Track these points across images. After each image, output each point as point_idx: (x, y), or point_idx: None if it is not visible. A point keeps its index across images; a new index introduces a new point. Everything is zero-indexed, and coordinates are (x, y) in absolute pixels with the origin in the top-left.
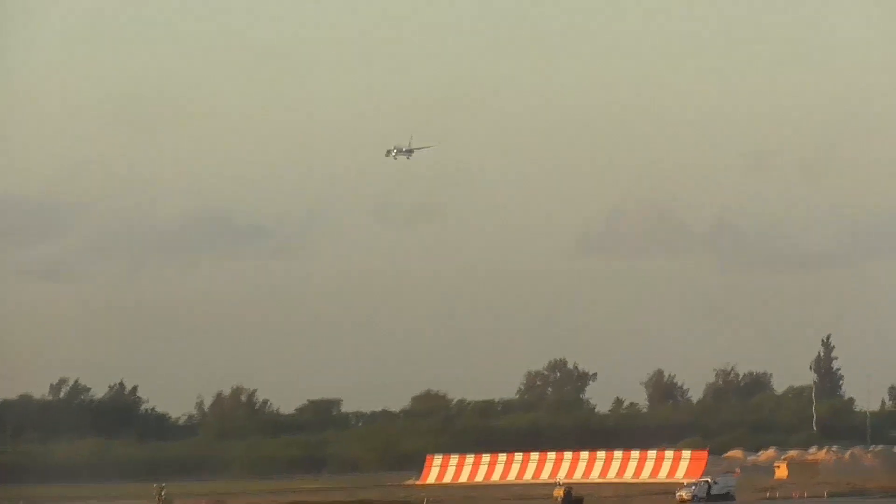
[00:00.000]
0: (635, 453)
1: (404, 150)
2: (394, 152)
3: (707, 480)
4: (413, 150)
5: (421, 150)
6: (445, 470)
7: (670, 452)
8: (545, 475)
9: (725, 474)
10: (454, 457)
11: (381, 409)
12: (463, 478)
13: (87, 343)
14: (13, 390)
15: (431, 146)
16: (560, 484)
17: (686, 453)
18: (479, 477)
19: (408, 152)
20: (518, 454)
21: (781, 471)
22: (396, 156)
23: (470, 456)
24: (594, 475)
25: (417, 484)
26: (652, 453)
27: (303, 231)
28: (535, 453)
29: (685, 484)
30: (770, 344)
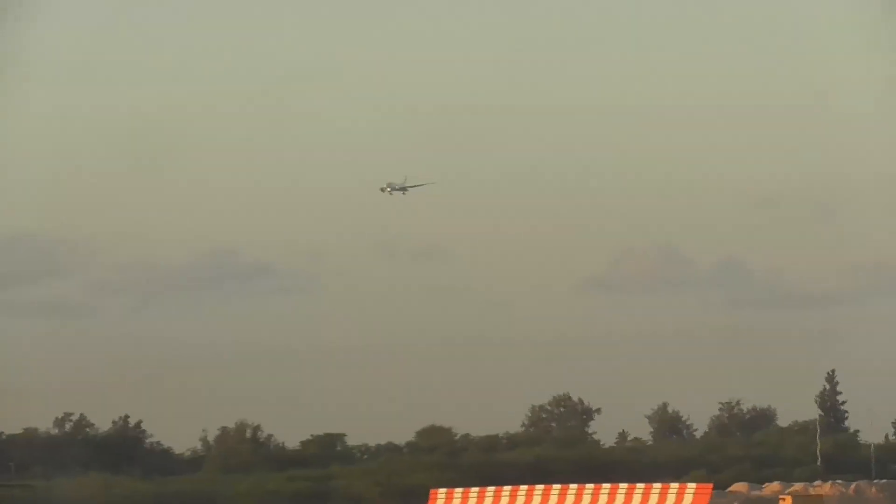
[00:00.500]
0: (640, 487)
1: (399, 187)
2: (388, 189)
3: None
4: (407, 187)
5: (416, 187)
6: None
7: (675, 486)
8: None
9: None
10: (459, 491)
11: (386, 444)
12: None
13: (92, 378)
14: (17, 425)
15: (426, 183)
16: None
17: (690, 487)
18: None
19: (402, 189)
20: (523, 488)
21: None
22: (391, 192)
23: (475, 490)
24: None
25: None
26: (656, 487)
27: (308, 268)
28: (540, 487)
29: None
30: (775, 379)
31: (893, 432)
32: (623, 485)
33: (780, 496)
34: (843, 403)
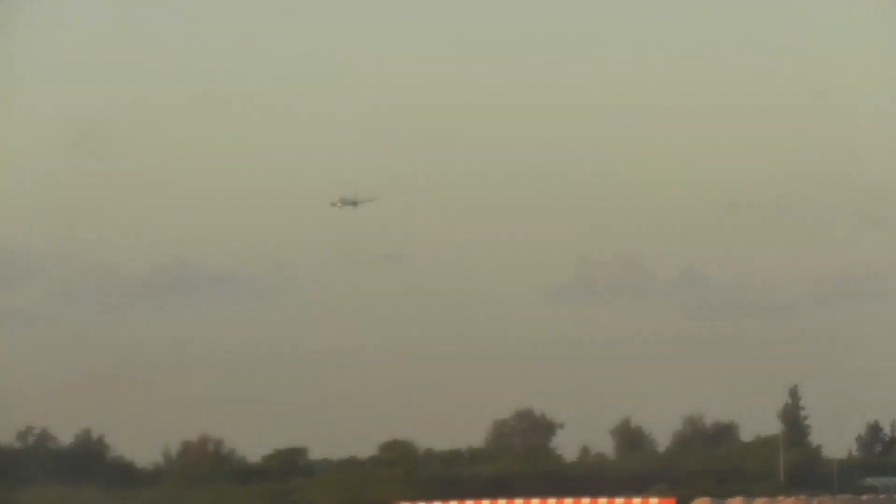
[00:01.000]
0: (602, 501)
1: (349, 202)
2: (339, 204)
3: None
4: (358, 202)
5: (366, 202)
6: None
7: (637, 501)
8: None
9: None
10: None
11: (348, 458)
12: None
13: (54, 391)
14: None
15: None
16: None
17: (653, 501)
18: None
19: (353, 203)
20: (485, 503)
21: None
22: (342, 207)
23: None
24: None
25: None
26: (619, 501)
27: (268, 279)
28: (502, 502)
29: None
30: (737, 393)
31: (856, 448)
32: (586, 499)
33: None
34: (807, 419)
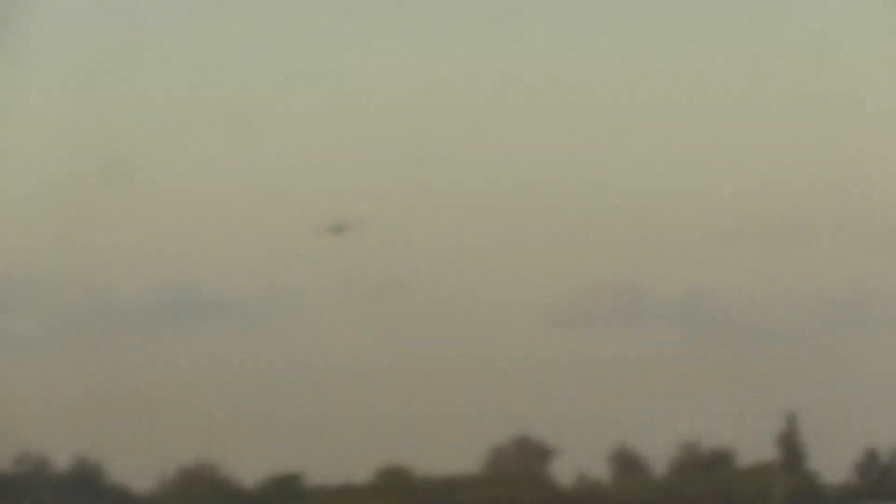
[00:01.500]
0: None
1: (336, 227)
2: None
3: None
4: (344, 228)
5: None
6: None
7: None
8: None
9: None
10: None
11: (344, 484)
12: None
13: (51, 418)
14: None
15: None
16: None
17: None
18: None
19: (339, 230)
20: None
21: None
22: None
23: None
24: None
25: None
26: None
27: (267, 306)
28: None
29: None
30: (735, 419)
31: (854, 474)
32: None
33: None
34: (804, 444)
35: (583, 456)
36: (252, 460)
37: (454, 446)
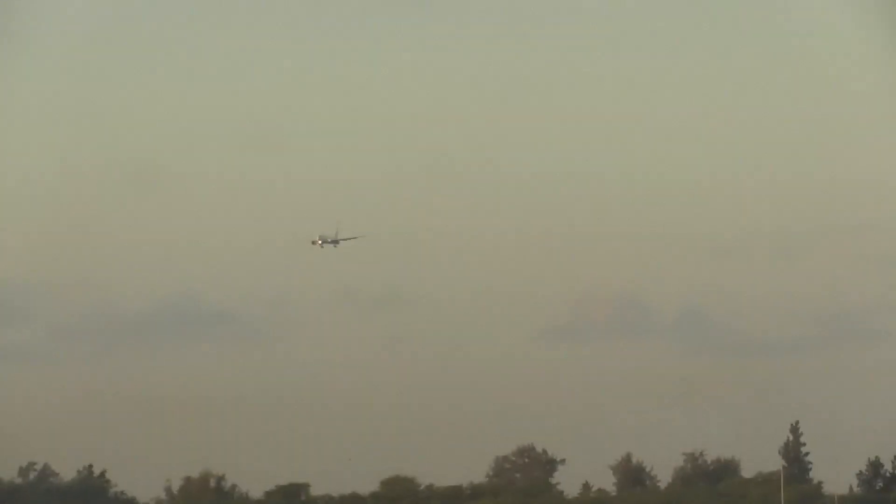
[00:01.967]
0: None
1: (330, 240)
2: (320, 242)
3: None
4: (339, 240)
5: (348, 240)
6: None
7: None
8: None
9: None
10: None
11: (350, 494)
12: None
13: (56, 427)
14: None
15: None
16: None
17: None
18: None
19: (333, 242)
20: None
21: None
22: (323, 245)
23: None
24: None
25: None
26: None
27: (269, 316)
28: None
29: None
30: (739, 429)
31: (857, 484)
32: None
33: None
34: (807, 455)
35: (587, 465)
36: (259, 469)
37: (459, 455)
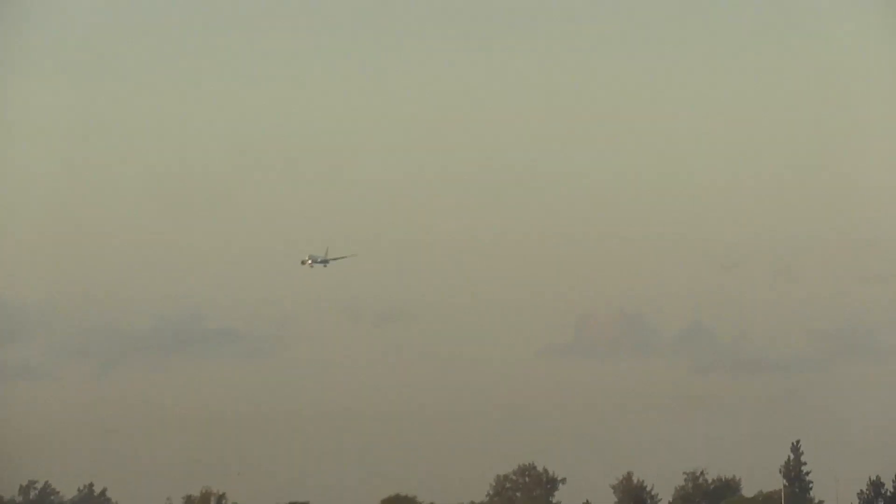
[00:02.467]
0: None
1: (319, 260)
2: (309, 262)
3: None
4: (329, 260)
5: (338, 259)
6: None
7: None
8: None
9: None
10: None
11: None
12: None
13: (57, 445)
14: None
15: (349, 255)
16: None
17: None
18: None
19: (323, 262)
20: None
21: None
22: (312, 265)
23: None
24: None
25: None
26: None
27: (272, 334)
28: None
29: None
30: (740, 448)
31: (858, 502)
32: None
33: None
34: (808, 474)
35: (588, 484)
36: (259, 488)
37: (460, 474)
